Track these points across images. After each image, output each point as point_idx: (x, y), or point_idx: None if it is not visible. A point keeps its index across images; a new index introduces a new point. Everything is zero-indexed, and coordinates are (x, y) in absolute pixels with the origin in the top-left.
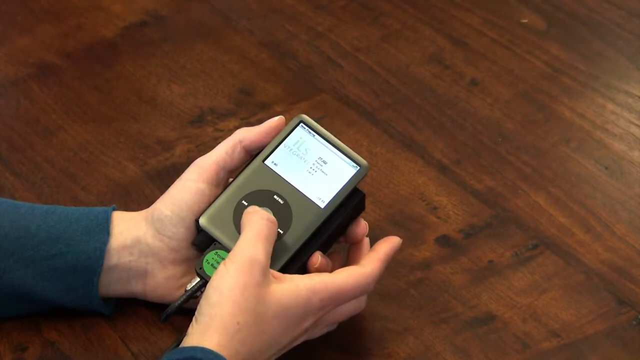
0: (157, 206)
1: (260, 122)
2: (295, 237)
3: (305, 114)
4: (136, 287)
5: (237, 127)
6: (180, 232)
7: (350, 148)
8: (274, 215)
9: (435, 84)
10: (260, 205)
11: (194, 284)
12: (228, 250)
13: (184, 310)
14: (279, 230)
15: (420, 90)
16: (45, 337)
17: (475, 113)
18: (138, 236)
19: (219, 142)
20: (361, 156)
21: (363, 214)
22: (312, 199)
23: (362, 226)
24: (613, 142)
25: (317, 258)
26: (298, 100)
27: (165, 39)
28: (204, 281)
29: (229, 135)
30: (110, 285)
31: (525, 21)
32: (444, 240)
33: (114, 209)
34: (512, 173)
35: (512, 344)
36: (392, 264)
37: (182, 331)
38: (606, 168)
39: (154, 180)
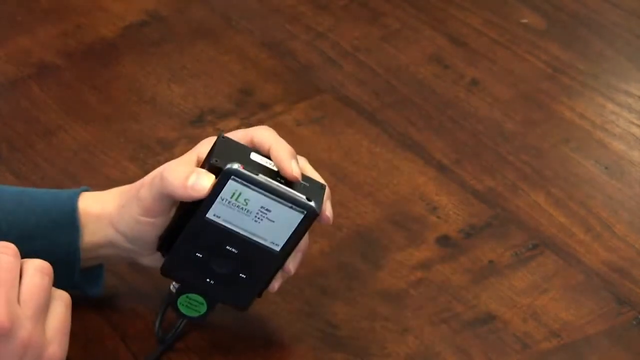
0: (120, 223)
1: (260, 122)
2: (260, 277)
3: (305, 114)
4: (124, 260)
5: (237, 127)
6: (148, 245)
7: (295, 191)
8: (232, 263)
9: (435, 84)
10: (215, 256)
11: (177, 325)
12: (199, 294)
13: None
14: (241, 275)
15: (420, 90)
16: None
17: (475, 113)
18: (110, 240)
19: None
20: (361, 156)
21: (364, 214)
22: (265, 244)
23: (324, 218)
24: (613, 142)
25: (291, 270)
26: (298, 100)
27: (165, 39)
28: (185, 317)
29: None
30: (94, 264)
31: (525, 21)
32: (444, 240)
33: (86, 189)
34: (512, 173)
35: (512, 344)
36: (392, 264)
37: (183, 334)
38: (606, 168)
39: None
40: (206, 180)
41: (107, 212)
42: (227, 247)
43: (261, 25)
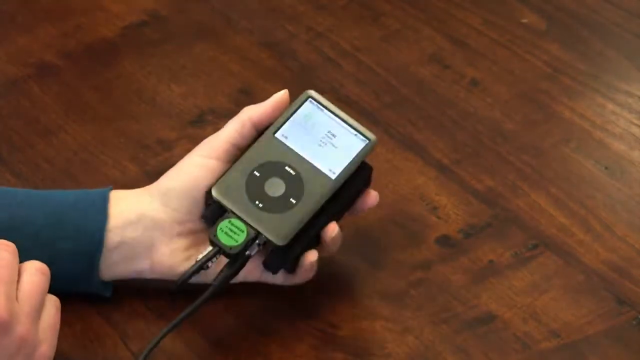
0: (162, 180)
1: None
2: (308, 208)
3: None
4: (142, 264)
5: None
6: (186, 205)
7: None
8: (286, 185)
9: (435, 84)
10: (272, 176)
11: (206, 252)
12: (242, 220)
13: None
14: (291, 199)
15: (420, 90)
16: None
17: (475, 113)
18: (142, 211)
19: None
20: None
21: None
22: (323, 170)
23: (372, 196)
24: (613, 142)
25: (334, 228)
26: None
27: (165, 39)
28: (218, 249)
29: None
30: (115, 265)
31: (525, 21)
32: (444, 240)
33: (111, 189)
34: (512, 173)
35: (512, 344)
36: (392, 264)
37: (182, 331)
38: (606, 168)
39: (154, 180)
40: (285, 93)
41: (144, 188)
42: (287, 168)
43: (261, 25)
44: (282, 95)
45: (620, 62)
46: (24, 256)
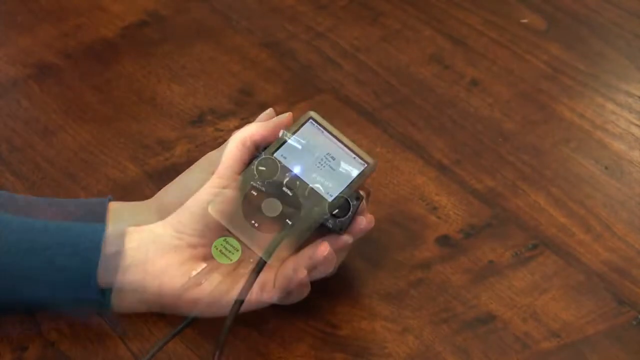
0: (162, 194)
1: None
2: (304, 228)
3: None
4: (135, 276)
5: (237, 127)
6: (184, 220)
7: (359, 146)
8: (283, 205)
9: (435, 84)
10: (269, 196)
11: (200, 269)
12: (236, 238)
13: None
14: (287, 220)
15: (420, 90)
16: (45, 337)
17: (475, 113)
18: (139, 223)
19: (219, 142)
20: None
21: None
22: (320, 192)
23: (368, 219)
24: (613, 142)
25: (326, 247)
26: (298, 100)
27: (165, 39)
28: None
29: (229, 135)
30: (110, 274)
31: (525, 21)
32: (444, 240)
33: (110, 200)
34: (512, 173)
35: (512, 344)
36: (392, 264)
37: (183, 331)
38: (606, 168)
39: (154, 180)
40: (289, 115)
41: (144, 202)
42: (284, 189)
43: (261, 25)
44: (285, 117)
45: (620, 62)
46: (21, 260)
